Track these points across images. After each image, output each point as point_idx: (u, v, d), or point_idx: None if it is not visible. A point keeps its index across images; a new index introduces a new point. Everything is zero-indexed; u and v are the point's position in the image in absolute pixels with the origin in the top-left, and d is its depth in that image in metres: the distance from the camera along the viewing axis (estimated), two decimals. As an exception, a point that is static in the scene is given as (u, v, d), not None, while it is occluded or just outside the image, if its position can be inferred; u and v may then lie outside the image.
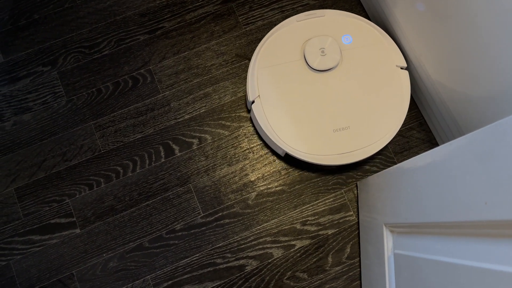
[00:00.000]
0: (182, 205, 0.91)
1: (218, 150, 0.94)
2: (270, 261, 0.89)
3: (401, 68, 0.89)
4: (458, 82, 0.79)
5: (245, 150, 0.95)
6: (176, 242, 0.90)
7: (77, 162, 0.93)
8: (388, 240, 0.70)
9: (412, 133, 0.96)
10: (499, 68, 0.66)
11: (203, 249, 0.89)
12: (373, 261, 0.78)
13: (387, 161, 0.95)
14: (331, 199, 0.93)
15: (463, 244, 0.46)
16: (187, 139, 0.95)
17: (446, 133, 0.90)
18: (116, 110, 0.96)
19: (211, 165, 0.94)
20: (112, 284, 0.87)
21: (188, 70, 0.99)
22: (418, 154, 0.86)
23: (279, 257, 0.89)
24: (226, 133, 0.95)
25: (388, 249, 0.70)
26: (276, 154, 0.95)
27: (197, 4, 1.03)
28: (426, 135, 0.96)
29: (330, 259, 0.89)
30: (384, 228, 0.71)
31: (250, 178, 0.93)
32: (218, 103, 0.97)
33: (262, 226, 0.91)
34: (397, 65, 0.89)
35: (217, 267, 0.89)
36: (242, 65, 0.99)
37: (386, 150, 0.95)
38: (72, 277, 0.87)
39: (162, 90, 0.97)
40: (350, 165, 0.94)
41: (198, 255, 0.89)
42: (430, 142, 0.96)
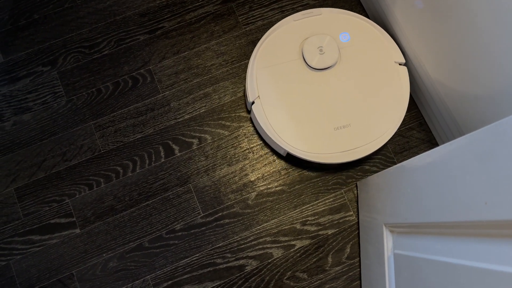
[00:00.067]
0: (182, 205, 0.91)
1: (218, 150, 0.94)
2: (270, 261, 0.89)
3: (399, 64, 0.90)
4: (457, 81, 0.79)
5: (245, 150, 0.95)
6: (176, 242, 0.89)
7: (77, 162, 0.93)
8: (388, 240, 0.70)
9: (412, 133, 0.96)
10: (499, 67, 0.66)
11: (203, 249, 0.89)
12: (373, 261, 0.78)
13: (387, 161, 0.95)
14: (331, 199, 0.93)
15: (463, 244, 0.46)
16: (187, 139, 0.95)
17: (446, 133, 0.90)
18: (116, 110, 0.96)
19: (211, 165, 0.94)
20: (112, 284, 0.87)
21: (188, 70, 0.99)
22: (418, 154, 0.86)
23: (279, 257, 0.89)
24: (226, 133, 0.95)
25: (388, 249, 0.70)
26: (276, 154, 0.95)
27: (197, 4, 1.03)
28: (426, 135, 0.96)
29: (330, 259, 0.89)
30: (384, 228, 0.71)
31: (250, 178, 0.93)
32: (218, 103, 0.97)
33: (262, 226, 0.91)
34: (395, 61, 0.89)
35: (217, 267, 0.89)
36: (242, 65, 0.99)
37: (386, 150, 0.95)
38: (72, 277, 0.87)
39: (162, 90, 0.97)
40: (350, 164, 0.94)
41: (198, 255, 0.89)
42: (430, 142, 0.96)
